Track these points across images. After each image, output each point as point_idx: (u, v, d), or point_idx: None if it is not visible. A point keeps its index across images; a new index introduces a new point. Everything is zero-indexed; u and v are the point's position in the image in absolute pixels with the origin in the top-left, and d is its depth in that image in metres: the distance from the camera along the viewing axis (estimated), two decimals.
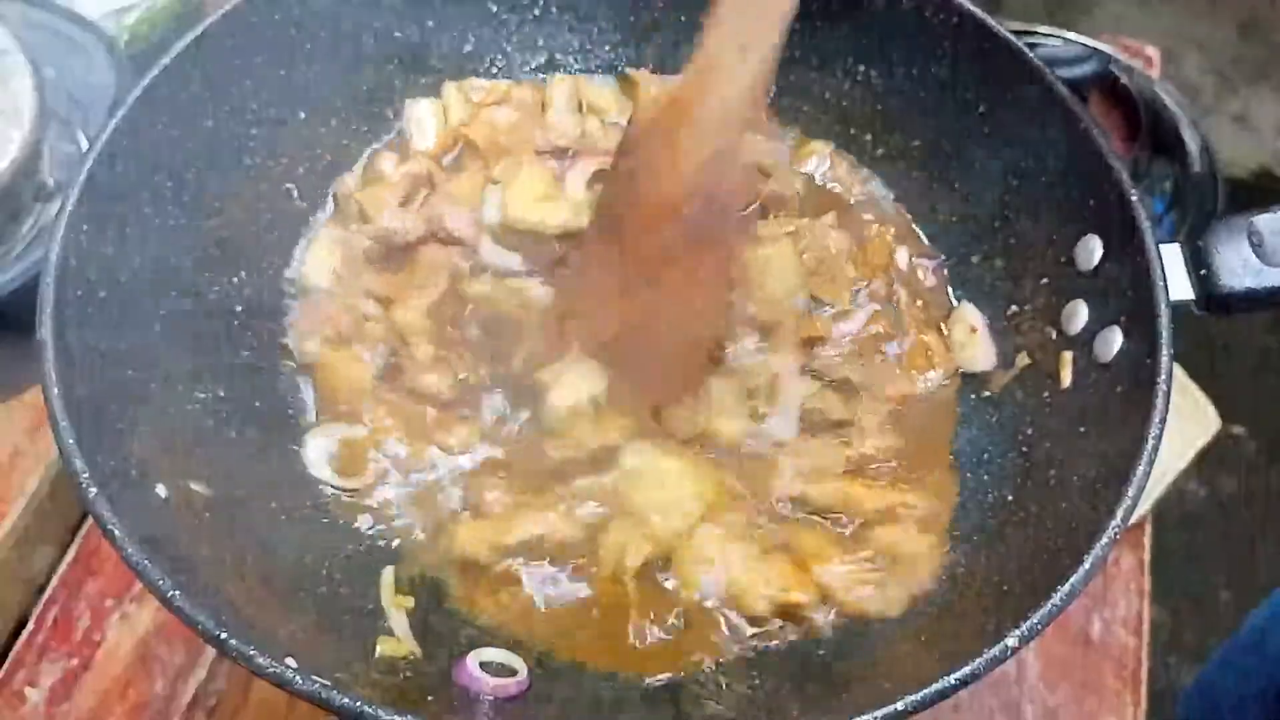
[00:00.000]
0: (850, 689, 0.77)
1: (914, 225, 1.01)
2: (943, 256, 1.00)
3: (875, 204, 1.02)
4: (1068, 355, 0.88)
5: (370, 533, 0.86)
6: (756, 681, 0.80)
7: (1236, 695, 1.25)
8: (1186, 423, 1.08)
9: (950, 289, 0.99)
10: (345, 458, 0.88)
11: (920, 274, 0.99)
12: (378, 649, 0.77)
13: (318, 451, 0.88)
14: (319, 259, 0.96)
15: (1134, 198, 0.83)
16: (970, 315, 0.96)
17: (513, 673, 0.78)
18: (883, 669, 0.78)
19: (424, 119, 1.02)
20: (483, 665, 0.78)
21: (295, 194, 0.97)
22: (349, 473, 0.87)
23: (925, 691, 0.65)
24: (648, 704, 0.80)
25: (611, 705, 0.80)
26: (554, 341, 0.91)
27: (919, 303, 0.97)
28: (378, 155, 1.02)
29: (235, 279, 0.92)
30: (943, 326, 0.97)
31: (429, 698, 0.73)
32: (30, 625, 0.96)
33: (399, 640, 0.79)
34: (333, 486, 0.87)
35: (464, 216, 0.97)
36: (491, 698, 0.76)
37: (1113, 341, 0.83)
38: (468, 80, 1.04)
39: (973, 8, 0.92)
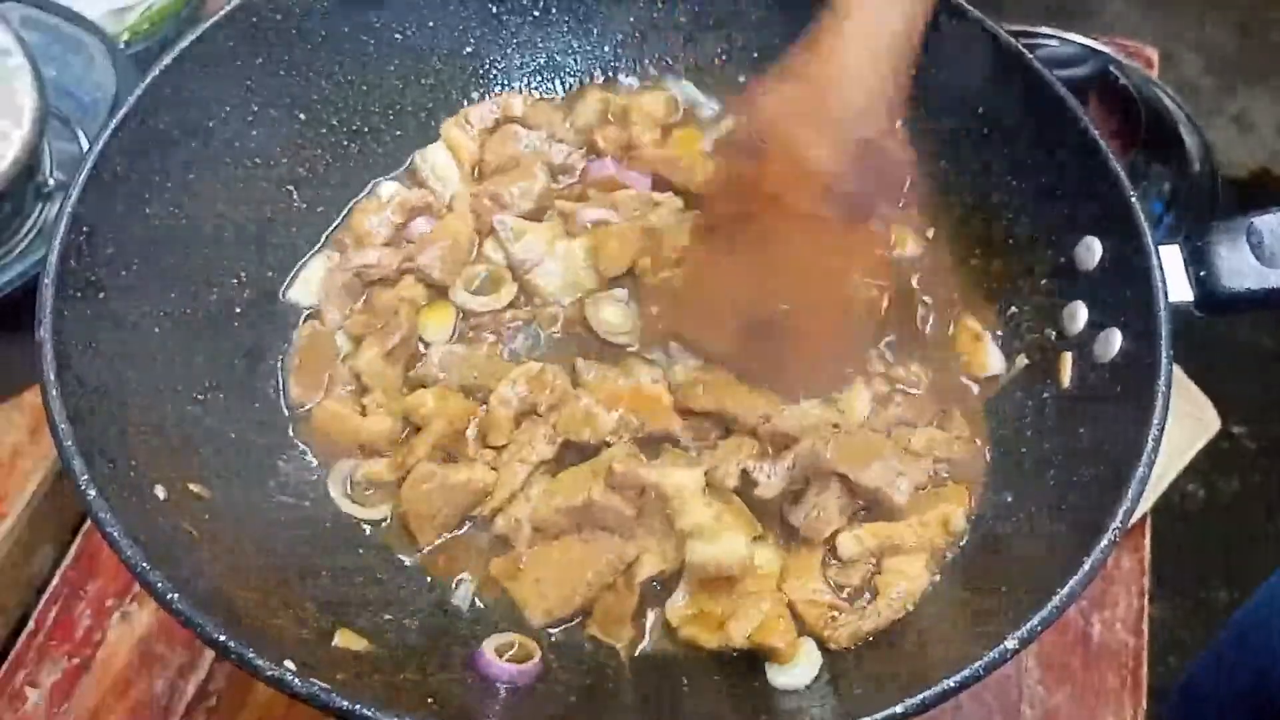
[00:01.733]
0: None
1: None
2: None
3: None
4: (1067, 356, 0.88)
5: (370, 534, 0.87)
6: None
7: (1221, 693, 1.25)
8: (1186, 423, 1.08)
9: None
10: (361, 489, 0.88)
11: None
12: (335, 639, 0.76)
13: (337, 485, 0.88)
14: (307, 282, 0.96)
15: (1133, 199, 0.83)
16: (973, 324, 0.96)
17: (528, 657, 0.78)
18: (882, 671, 0.78)
19: (442, 167, 1.02)
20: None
21: (295, 195, 0.97)
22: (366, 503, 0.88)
23: (925, 694, 0.65)
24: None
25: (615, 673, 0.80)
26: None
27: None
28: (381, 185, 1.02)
29: (235, 280, 0.92)
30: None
31: (428, 700, 0.72)
32: (30, 625, 0.96)
33: (355, 634, 0.78)
34: (360, 519, 0.87)
35: (438, 255, 0.95)
36: (510, 685, 0.76)
37: (1112, 342, 0.83)
38: (463, 112, 1.03)
39: (973, 9, 0.92)
